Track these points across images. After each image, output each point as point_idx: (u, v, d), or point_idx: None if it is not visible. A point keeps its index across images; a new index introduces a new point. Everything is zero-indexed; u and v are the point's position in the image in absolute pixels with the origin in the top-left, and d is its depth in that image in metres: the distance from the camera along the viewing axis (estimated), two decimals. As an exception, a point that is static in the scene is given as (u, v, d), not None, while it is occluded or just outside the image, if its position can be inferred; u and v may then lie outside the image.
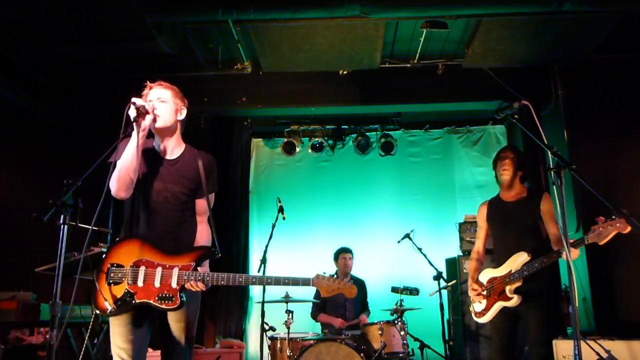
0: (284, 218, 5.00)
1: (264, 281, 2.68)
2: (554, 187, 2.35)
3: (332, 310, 5.61)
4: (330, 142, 7.31)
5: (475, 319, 3.65)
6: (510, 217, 3.60)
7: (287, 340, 4.65)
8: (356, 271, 5.97)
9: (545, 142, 2.49)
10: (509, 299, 3.38)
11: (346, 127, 7.30)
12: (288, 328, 4.65)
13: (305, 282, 2.52)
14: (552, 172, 2.36)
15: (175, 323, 2.60)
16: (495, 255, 3.69)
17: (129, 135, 2.59)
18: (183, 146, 2.86)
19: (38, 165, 5.96)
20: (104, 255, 2.58)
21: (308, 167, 7.39)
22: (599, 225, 2.79)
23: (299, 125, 7.24)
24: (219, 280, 2.50)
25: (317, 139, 7.24)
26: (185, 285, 2.48)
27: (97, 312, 2.53)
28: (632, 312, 5.09)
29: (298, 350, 4.58)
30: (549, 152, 2.41)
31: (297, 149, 7.22)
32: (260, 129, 7.45)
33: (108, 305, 2.45)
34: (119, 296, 2.46)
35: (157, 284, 2.47)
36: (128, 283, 2.48)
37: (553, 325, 3.33)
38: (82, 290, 5.20)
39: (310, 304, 5.69)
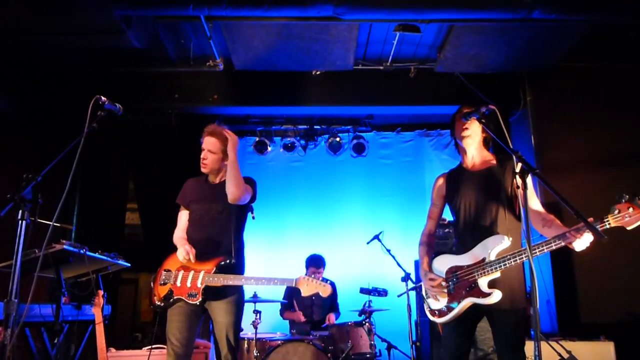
0: (253, 217, 4.95)
1: (259, 281, 3.10)
2: (518, 192, 2.38)
3: (300, 311, 5.59)
4: (302, 142, 7.30)
5: (431, 318, 2.94)
6: (479, 190, 2.88)
7: (254, 341, 4.62)
8: (326, 272, 5.95)
9: (511, 147, 2.52)
10: (486, 294, 2.66)
11: (318, 127, 7.28)
12: (255, 328, 4.62)
13: (290, 282, 3.05)
14: (516, 177, 2.38)
15: (221, 317, 3.13)
16: (457, 238, 2.99)
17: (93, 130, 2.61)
18: None
19: (2, 160, 5.78)
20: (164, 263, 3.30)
21: (280, 166, 7.36)
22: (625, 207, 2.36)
23: (271, 124, 7.21)
24: (227, 281, 3.07)
25: (289, 139, 7.23)
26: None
27: (151, 306, 3.22)
28: (594, 314, 5.24)
29: (265, 351, 4.56)
30: (514, 157, 2.44)
31: (269, 149, 7.19)
32: (232, 127, 7.32)
33: (157, 300, 3.17)
34: (164, 294, 3.15)
35: (188, 284, 3.12)
36: (171, 283, 3.16)
37: (525, 327, 2.77)
38: (43, 289, 5.10)
39: (279, 304, 5.68)
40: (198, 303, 3.07)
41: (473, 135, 2.93)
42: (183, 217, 3.42)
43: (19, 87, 5.94)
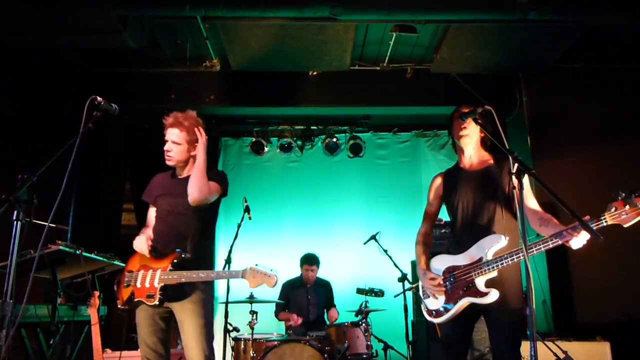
0: (249, 218, 4.95)
1: (209, 276, 2.93)
2: (514, 192, 2.39)
3: (295, 311, 5.58)
4: (299, 142, 7.30)
5: (429, 318, 2.91)
6: (476, 190, 2.87)
7: (250, 341, 4.61)
8: (323, 272, 5.96)
9: (507, 147, 2.52)
10: (483, 294, 2.65)
11: (315, 128, 7.30)
12: (252, 329, 4.61)
13: (237, 275, 2.90)
14: (512, 177, 2.39)
15: (187, 320, 2.94)
16: (454, 238, 2.99)
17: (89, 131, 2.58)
18: None
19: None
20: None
21: (276, 167, 7.36)
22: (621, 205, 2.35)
23: (268, 125, 7.21)
24: (180, 278, 2.89)
25: (285, 139, 7.22)
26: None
27: (117, 310, 3.11)
28: (590, 314, 5.25)
29: (262, 351, 4.55)
30: (510, 157, 2.44)
31: (266, 149, 7.18)
32: (228, 128, 7.38)
33: (120, 304, 3.05)
34: (127, 296, 3.01)
35: (147, 285, 2.94)
36: (132, 285, 3.00)
37: (521, 327, 2.70)
38: (38, 289, 5.08)
39: (274, 305, 5.68)
40: (157, 303, 2.88)
41: (471, 135, 2.93)
42: (151, 214, 3.26)
43: (15, 87, 5.91)
